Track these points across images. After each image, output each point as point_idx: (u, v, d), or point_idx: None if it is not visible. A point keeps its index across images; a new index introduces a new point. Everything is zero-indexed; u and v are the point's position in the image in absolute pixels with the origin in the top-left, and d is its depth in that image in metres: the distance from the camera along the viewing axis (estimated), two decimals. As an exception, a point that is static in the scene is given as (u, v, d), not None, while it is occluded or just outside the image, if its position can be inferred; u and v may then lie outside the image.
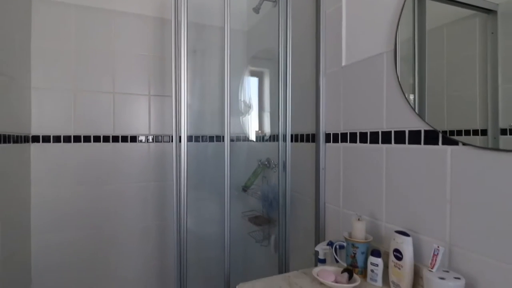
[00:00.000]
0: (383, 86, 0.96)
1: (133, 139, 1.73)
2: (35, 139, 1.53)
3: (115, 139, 1.69)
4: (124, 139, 1.71)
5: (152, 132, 1.77)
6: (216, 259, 1.64)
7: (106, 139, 1.67)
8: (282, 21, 1.33)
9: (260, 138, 1.87)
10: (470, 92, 0.72)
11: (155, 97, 1.78)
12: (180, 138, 1.16)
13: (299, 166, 1.38)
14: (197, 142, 1.86)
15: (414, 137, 0.85)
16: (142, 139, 1.75)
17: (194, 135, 1.84)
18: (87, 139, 1.63)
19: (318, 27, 1.23)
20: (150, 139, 1.77)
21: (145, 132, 1.76)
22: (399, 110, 0.90)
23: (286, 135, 1.35)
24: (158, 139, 1.79)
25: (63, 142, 1.59)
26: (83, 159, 1.62)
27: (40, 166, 1.54)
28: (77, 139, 1.61)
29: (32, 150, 1.53)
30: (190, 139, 1.74)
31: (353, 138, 1.09)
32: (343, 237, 0.96)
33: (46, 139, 1.55)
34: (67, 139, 1.59)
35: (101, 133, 1.66)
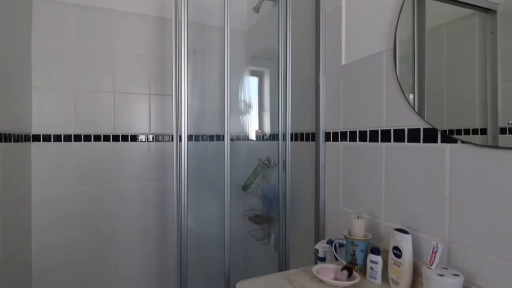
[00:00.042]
0: (382, 84, 0.96)
1: (133, 138, 1.73)
2: (36, 138, 1.54)
3: (116, 138, 1.70)
4: (125, 138, 1.71)
5: (152, 131, 1.78)
6: (216, 258, 1.64)
7: (107, 138, 1.68)
8: (282, 20, 1.34)
9: (260, 137, 1.88)
10: (469, 91, 0.72)
11: (155, 96, 1.78)
12: (180, 137, 1.16)
13: (299, 165, 1.38)
14: (197, 141, 1.86)
15: (413, 135, 0.85)
16: (142, 138, 1.76)
17: (194, 134, 1.85)
18: (87, 138, 1.64)
19: (318, 26, 1.24)
20: (150, 138, 1.77)
21: (145, 131, 1.76)
22: (398, 108, 0.90)
23: (286, 134, 1.36)
24: (158, 138, 1.79)
25: (64, 141, 1.59)
26: (84, 158, 1.63)
27: (40, 165, 1.54)
28: (77, 138, 1.62)
29: (33, 149, 1.53)
30: (190, 138, 1.73)
31: (352, 136, 1.09)
32: (342, 235, 0.96)
33: (46, 138, 1.56)
34: (67, 138, 1.60)
35: (101, 132, 1.66)
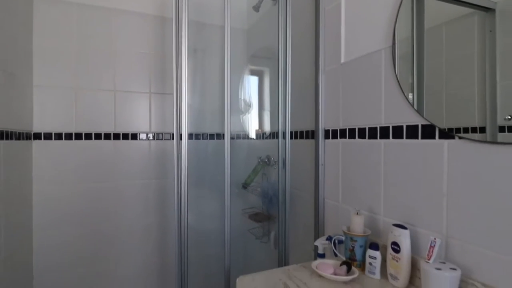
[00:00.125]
0: (381, 81, 0.97)
1: (134, 137, 1.74)
2: (37, 136, 1.54)
3: (116, 136, 1.70)
4: (125, 136, 1.72)
5: (153, 130, 1.78)
6: (216, 256, 1.65)
7: (107, 136, 1.68)
8: (282, 19, 1.34)
9: (260, 136, 1.88)
10: (468, 89, 0.73)
11: (156, 95, 1.79)
12: (181, 135, 1.17)
13: (298, 162, 1.39)
14: (197, 139, 1.87)
15: (412, 131, 0.86)
16: (143, 137, 1.76)
17: (194, 132, 1.85)
18: (88, 136, 1.64)
19: (318, 25, 1.25)
20: (151, 137, 1.78)
21: (146, 130, 1.77)
22: (397, 105, 0.91)
23: (285, 132, 1.36)
24: (159, 136, 1.80)
25: (65, 139, 1.60)
26: (84, 157, 1.63)
27: (42, 164, 1.55)
28: (78, 136, 1.62)
29: (34, 147, 1.54)
30: (190, 136, 1.74)
31: (352, 134, 1.10)
32: (342, 231, 0.97)
33: (47, 136, 1.56)
34: (68, 136, 1.60)
35: (102, 130, 1.67)
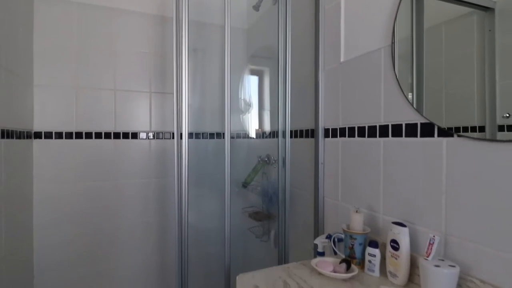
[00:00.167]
0: (381, 80, 0.97)
1: (134, 136, 1.75)
2: (37, 135, 1.55)
3: (117, 135, 1.71)
4: (125, 135, 1.73)
5: (153, 129, 1.79)
6: (216, 255, 1.65)
7: (108, 135, 1.69)
8: (282, 18, 1.35)
9: (260, 135, 1.89)
10: (468, 89, 0.73)
11: (156, 94, 1.79)
12: (181, 135, 1.17)
13: (298, 161, 1.39)
14: (197, 139, 1.87)
15: (411, 130, 0.86)
16: (143, 136, 1.77)
17: (194, 132, 1.86)
18: (88, 135, 1.65)
19: (317, 24, 1.25)
20: (151, 136, 1.78)
21: (146, 129, 1.77)
22: (396, 104, 0.91)
23: (285, 131, 1.37)
24: (159, 136, 1.80)
25: (65, 138, 1.60)
26: (85, 156, 1.64)
27: (42, 163, 1.55)
28: (78, 135, 1.63)
29: (35, 146, 1.54)
30: (191, 136, 1.74)
31: (351, 132, 1.10)
32: (341, 230, 0.98)
33: (48, 135, 1.57)
34: (68, 135, 1.61)
35: (102, 129, 1.68)
